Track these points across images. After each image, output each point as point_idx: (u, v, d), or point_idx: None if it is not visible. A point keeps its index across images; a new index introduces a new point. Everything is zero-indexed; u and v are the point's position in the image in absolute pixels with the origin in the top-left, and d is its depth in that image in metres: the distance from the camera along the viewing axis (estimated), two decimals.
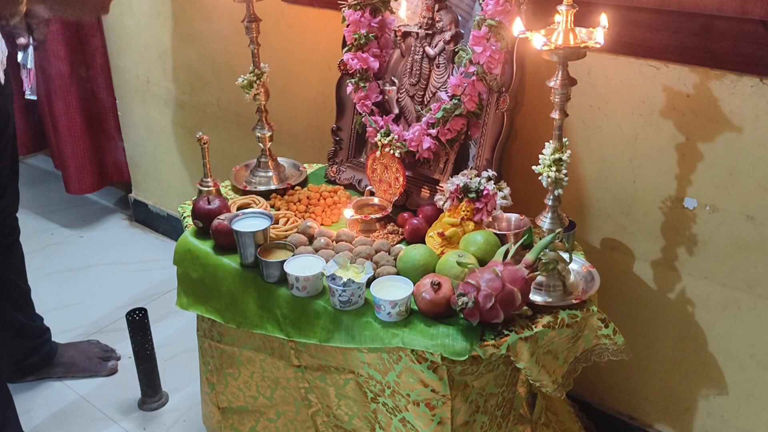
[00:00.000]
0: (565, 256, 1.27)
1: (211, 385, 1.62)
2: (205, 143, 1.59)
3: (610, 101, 1.44)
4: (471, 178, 1.41)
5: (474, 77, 1.42)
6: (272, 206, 1.62)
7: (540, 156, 1.26)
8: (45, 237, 2.83)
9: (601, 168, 1.51)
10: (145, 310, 1.86)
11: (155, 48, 2.43)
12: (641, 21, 1.33)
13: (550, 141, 1.25)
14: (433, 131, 1.50)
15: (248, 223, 1.42)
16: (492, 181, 1.41)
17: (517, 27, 1.19)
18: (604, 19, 1.17)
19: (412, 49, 1.56)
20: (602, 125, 1.47)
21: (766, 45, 1.22)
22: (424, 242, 1.43)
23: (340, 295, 1.27)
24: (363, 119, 1.63)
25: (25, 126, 2.94)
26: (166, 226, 2.79)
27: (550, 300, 1.27)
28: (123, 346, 2.09)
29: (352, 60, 1.60)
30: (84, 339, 2.20)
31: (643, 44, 1.35)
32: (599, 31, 1.15)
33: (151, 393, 1.95)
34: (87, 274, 2.59)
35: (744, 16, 1.21)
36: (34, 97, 2.60)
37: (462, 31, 1.49)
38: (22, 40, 1.07)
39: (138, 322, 1.85)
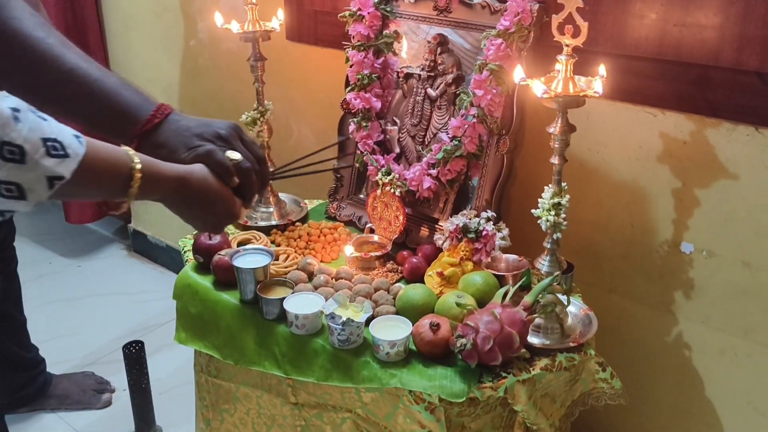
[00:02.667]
0: (563, 298, 1.28)
1: (206, 420, 1.61)
2: None
3: (608, 146, 1.47)
4: (470, 219, 1.43)
5: (475, 119, 1.45)
6: (273, 242, 1.63)
7: (539, 200, 1.27)
8: (43, 266, 2.83)
9: (599, 211, 1.52)
10: (141, 343, 1.86)
11: (160, 83, 2.46)
12: (639, 69, 1.36)
13: (549, 185, 1.26)
14: (434, 171, 1.52)
15: (249, 260, 1.42)
16: (491, 222, 1.42)
17: (518, 74, 1.22)
18: (602, 69, 1.19)
19: (414, 90, 1.59)
20: (600, 169, 1.49)
21: (761, 95, 1.25)
22: (423, 281, 1.43)
23: (339, 334, 1.27)
24: (364, 158, 1.65)
25: None
26: (164, 257, 2.79)
27: (548, 342, 1.27)
28: (118, 378, 2.07)
29: (355, 99, 1.63)
30: (79, 370, 2.19)
31: (641, 92, 1.37)
32: (598, 81, 1.18)
33: (145, 428, 1.93)
34: (84, 304, 2.59)
35: (739, 67, 1.24)
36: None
37: (464, 74, 1.52)
38: None
39: (134, 356, 1.85)
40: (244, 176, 1.04)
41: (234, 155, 1.03)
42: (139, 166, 0.91)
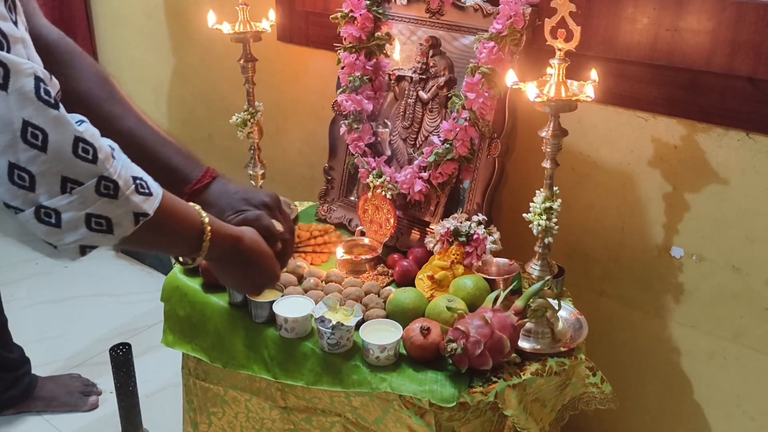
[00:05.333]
0: (554, 303, 1.27)
1: (194, 423, 1.59)
2: None
3: (599, 150, 1.47)
4: (461, 222, 1.42)
5: (466, 123, 1.44)
6: None
7: (531, 204, 1.27)
8: (29, 266, 2.80)
9: (589, 215, 1.52)
10: (128, 345, 1.84)
11: (149, 82, 2.44)
12: (631, 74, 1.36)
13: (541, 189, 1.26)
14: (425, 174, 1.51)
15: None
16: (482, 226, 1.42)
17: (510, 78, 1.21)
18: (594, 74, 1.19)
19: (406, 92, 1.58)
20: (591, 173, 1.49)
21: (752, 100, 1.25)
22: (413, 284, 1.43)
23: (328, 338, 1.26)
24: (355, 160, 1.64)
25: None
26: (152, 258, 2.77)
27: (539, 347, 1.27)
28: (105, 380, 2.05)
29: (346, 101, 1.62)
30: (65, 372, 2.16)
31: (632, 96, 1.38)
32: (590, 86, 1.18)
33: (132, 430, 1.91)
34: (70, 306, 2.56)
35: (731, 72, 1.24)
36: None
37: (455, 77, 1.51)
38: None
39: (121, 358, 1.82)
40: (284, 244, 1.13)
41: (277, 224, 1.12)
42: (207, 220, 0.96)
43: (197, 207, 0.97)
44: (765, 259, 1.33)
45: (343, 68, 1.63)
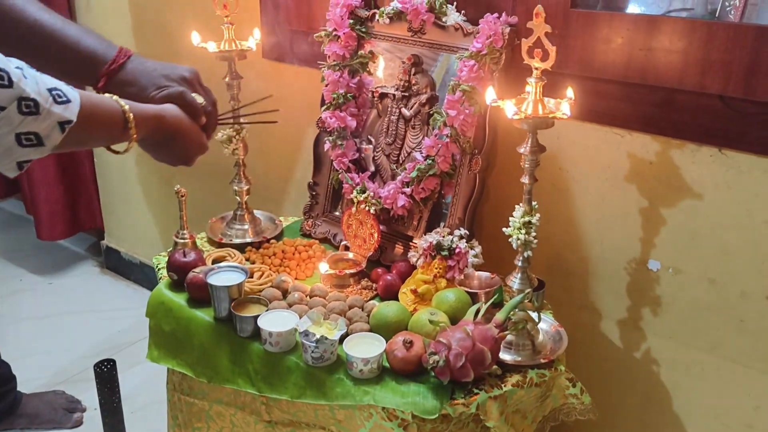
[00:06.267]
0: (535, 315, 1.30)
1: None
2: (182, 196, 1.60)
3: (577, 165, 1.50)
4: (444, 236, 1.45)
5: (448, 139, 1.47)
6: (247, 259, 1.63)
7: (510, 218, 1.30)
8: (13, 283, 2.79)
9: (568, 229, 1.55)
10: (113, 361, 1.84)
11: None
12: (606, 92, 1.40)
13: (520, 204, 1.29)
14: (408, 190, 1.54)
15: (223, 277, 1.42)
16: (464, 240, 1.44)
17: (490, 95, 1.25)
18: (570, 92, 1.23)
19: (389, 109, 1.61)
20: (570, 188, 1.52)
21: (723, 117, 1.29)
22: (397, 298, 1.45)
23: (312, 352, 1.28)
24: (339, 176, 1.67)
25: None
26: (137, 273, 2.77)
27: (519, 359, 1.29)
28: (89, 396, 2.05)
29: (330, 118, 1.65)
30: (49, 389, 2.16)
31: (608, 113, 1.41)
32: (566, 103, 1.21)
33: None
34: (55, 322, 2.55)
35: (703, 91, 1.28)
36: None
37: (437, 95, 1.54)
38: None
39: (106, 374, 1.82)
40: (208, 117, 1.19)
41: (199, 98, 1.17)
42: (127, 107, 1.01)
43: (114, 97, 1.01)
44: (739, 271, 1.36)
45: (327, 86, 1.66)
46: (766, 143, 1.26)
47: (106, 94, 1.02)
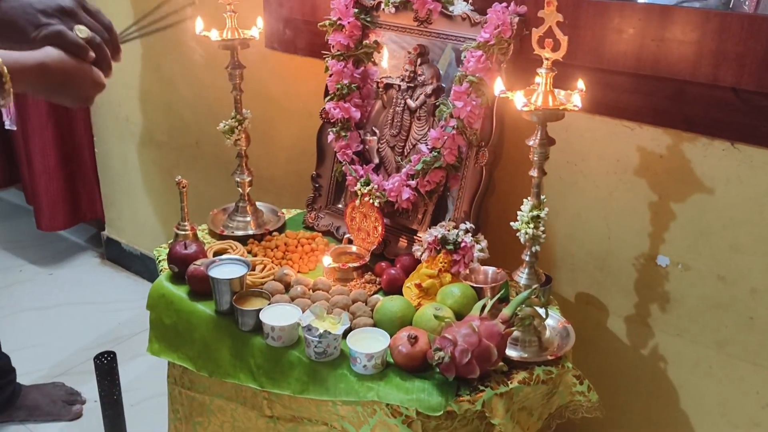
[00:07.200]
0: (542, 311, 1.28)
1: None
2: (183, 187, 1.58)
3: (586, 159, 1.47)
4: (449, 230, 1.42)
5: (454, 131, 1.44)
6: (249, 252, 1.61)
7: (518, 212, 1.27)
8: (13, 274, 2.77)
9: (576, 224, 1.53)
10: (113, 353, 1.82)
11: (137, 89, 2.43)
12: (617, 84, 1.37)
13: (528, 198, 1.27)
14: (413, 182, 1.51)
15: (225, 270, 1.40)
16: (470, 234, 1.42)
17: (498, 86, 1.22)
18: (581, 83, 1.20)
19: (394, 100, 1.59)
20: (578, 182, 1.50)
21: (736, 110, 1.26)
22: (401, 292, 1.43)
23: (315, 347, 1.26)
24: (343, 168, 1.64)
25: None
26: (138, 265, 2.75)
27: (526, 356, 1.27)
28: (89, 388, 2.03)
29: (334, 109, 1.62)
30: (49, 381, 2.14)
31: (619, 106, 1.38)
32: (577, 95, 1.18)
33: None
34: (55, 313, 2.54)
35: (715, 83, 1.26)
36: (14, 127, 2.58)
37: (443, 85, 1.51)
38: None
39: (106, 367, 1.80)
40: (98, 50, 1.07)
41: (83, 32, 1.06)
42: (0, 60, 0.93)
43: None
44: (749, 268, 1.34)
45: (331, 76, 1.63)
46: None
47: None
